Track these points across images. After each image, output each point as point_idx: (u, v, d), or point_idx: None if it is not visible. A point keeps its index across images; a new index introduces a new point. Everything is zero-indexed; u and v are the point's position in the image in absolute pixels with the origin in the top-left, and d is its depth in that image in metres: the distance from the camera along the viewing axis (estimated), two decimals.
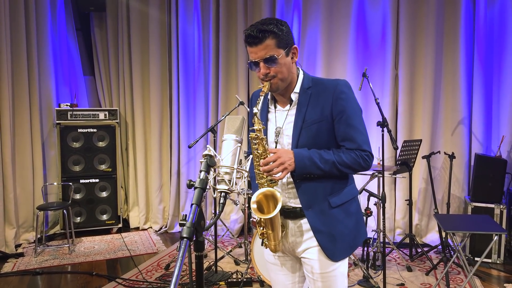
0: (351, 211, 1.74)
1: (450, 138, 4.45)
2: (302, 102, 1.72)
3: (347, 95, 1.69)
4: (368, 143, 1.71)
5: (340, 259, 1.71)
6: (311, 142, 1.68)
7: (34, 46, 4.74)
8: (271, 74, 1.64)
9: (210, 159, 1.07)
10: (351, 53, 4.64)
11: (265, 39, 1.60)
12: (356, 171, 1.72)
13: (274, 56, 1.62)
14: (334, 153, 1.68)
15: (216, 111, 5.09)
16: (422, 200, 4.52)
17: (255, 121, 1.61)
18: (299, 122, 1.70)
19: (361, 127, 1.70)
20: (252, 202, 1.60)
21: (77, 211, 4.97)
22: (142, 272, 3.85)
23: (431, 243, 4.47)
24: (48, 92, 4.96)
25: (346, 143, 1.69)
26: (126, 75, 5.25)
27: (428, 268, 3.83)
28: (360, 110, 1.73)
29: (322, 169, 1.64)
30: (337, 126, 1.69)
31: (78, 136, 4.94)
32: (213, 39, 5.02)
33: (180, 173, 5.20)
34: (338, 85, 1.69)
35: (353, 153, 1.68)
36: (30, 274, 3.87)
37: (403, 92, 4.53)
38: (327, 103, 1.68)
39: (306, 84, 1.74)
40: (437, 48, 4.42)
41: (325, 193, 1.69)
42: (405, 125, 4.53)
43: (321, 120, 1.68)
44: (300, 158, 1.63)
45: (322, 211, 1.68)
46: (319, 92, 1.71)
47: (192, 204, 1.07)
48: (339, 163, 1.66)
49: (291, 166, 1.61)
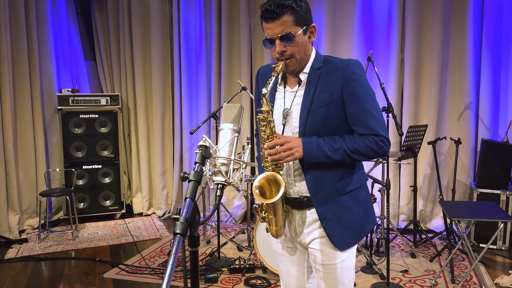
0: (360, 198, 1.69)
1: (456, 123, 4.37)
2: (310, 82, 1.64)
3: (359, 76, 1.60)
4: (383, 127, 1.62)
5: (346, 248, 1.66)
6: (319, 126, 1.61)
7: (34, 31, 4.67)
8: (288, 53, 1.58)
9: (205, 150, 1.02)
10: (356, 36, 4.53)
11: (283, 15, 1.53)
12: (371, 158, 1.63)
13: (291, 33, 1.54)
14: (345, 140, 1.60)
15: (218, 96, 5.02)
16: (427, 186, 4.47)
17: (264, 102, 1.55)
18: (306, 104, 1.62)
19: (374, 110, 1.61)
20: (254, 187, 1.56)
21: (80, 197, 4.97)
22: (145, 258, 3.86)
23: (435, 229, 4.44)
24: (49, 78, 4.91)
25: (358, 128, 1.60)
26: (127, 60, 5.18)
27: (432, 255, 3.80)
28: (373, 92, 1.64)
29: (332, 159, 1.58)
30: (348, 109, 1.60)
31: (80, 122, 4.90)
32: (215, 21, 4.93)
33: (183, 158, 5.17)
34: (349, 64, 1.60)
35: (366, 139, 1.59)
36: (34, 260, 3.89)
37: (409, 76, 4.44)
38: (337, 83, 1.60)
39: (317, 64, 1.66)
40: (444, 31, 4.31)
41: (334, 179, 1.63)
42: (411, 110, 4.45)
43: (330, 102, 1.60)
44: (309, 146, 1.56)
45: (330, 197, 1.63)
46: (328, 72, 1.62)
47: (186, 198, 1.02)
48: (350, 150, 1.58)
49: (298, 153, 1.55)
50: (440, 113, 4.38)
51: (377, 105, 1.64)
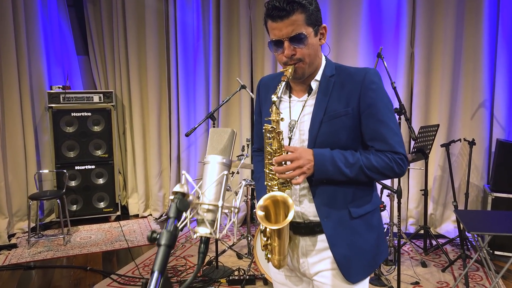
0: (373, 224, 1.48)
1: (469, 122, 4.11)
2: (323, 91, 1.44)
3: (378, 86, 1.41)
4: (402, 144, 1.43)
5: (359, 280, 1.44)
6: (331, 140, 1.41)
7: (22, 24, 4.40)
8: (297, 56, 1.38)
9: (182, 200, 0.76)
10: (363, 29, 4.25)
11: (293, 13, 1.34)
12: (387, 177, 1.45)
13: (302, 34, 1.35)
14: (362, 155, 1.40)
15: (217, 93, 4.77)
16: (437, 189, 4.22)
17: (273, 111, 1.36)
18: (318, 114, 1.42)
19: (393, 124, 1.42)
20: (258, 207, 1.34)
21: (73, 198, 4.75)
22: (139, 267, 3.64)
23: (446, 233, 4.20)
24: (39, 73, 4.66)
25: (376, 144, 1.41)
26: (121, 55, 4.92)
27: (444, 263, 3.58)
28: (392, 104, 1.46)
29: (347, 175, 1.38)
30: (365, 122, 1.41)
31: (71, 120, 4.66)
32: (213, 12, 4.66)
33: (180, 158, 4.93)
34: (368, 73, 1.41)
35: (384, 156, 1.40)
36: (22, 268, 3.68)
37: (419, 72, 4.17)
38: (353, 94, 1.40)
39: (329, 71, 1.46)
40: (457, 23, 4.03)
41: (346, 200, 1.43)
42: (421, 108, 4.19)
43: (345, 114, 1.40)
44: (321, 161, 1.36)
45: (341, 221, 1.42)
46: (344, 81, 1.43)
47: (152, 271, 0.79)
48: (367, 167, 1.39)
49: (309, 170, 1.35)
50: (452, 111, 4.12)
51: (396, 119, 1.45)
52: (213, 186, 0.87)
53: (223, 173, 0.88)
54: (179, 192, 0.78)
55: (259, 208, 1.33)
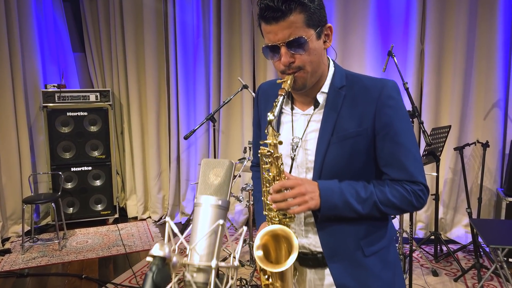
0: (389, 260, 1.28)
1: (482, 123, 3.92)
2: (332, 106, 1.22)
3: (397, 102, 1.20)
4: (422, 172, 1.22)
5: None
6: (342, 165, 1.21)
7: (15, 20, 4.22)
8: (296, 64, 1.16)
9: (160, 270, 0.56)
10: (370, 25, 4.06)
11: (291, 13, 1.12)
12: (405, 212, 1.26)
13: (302, 38, 1.13)
14: (376, 187, 1.20)
15: (218, 93, 4.58)
16: (448, 192, 4.04)
17: (269, 132, 1.15)
18: (326, 133, 1.21)
19: (413, 148, 1.21)
20: (256, 247, 1.15)
21: (69, 201, 4.59)
22: (136, 275, 3.48)
23: (456, 239, 4.03)
24: (33, 72, 4.48)
25: (392, 171, 1.21)
26: (119, 51, 4.73)
27: (456, 271, 3.41)
28: (411, 123, 1.25)
29: (359, 212, 1.18)
30: (381, 145, 1.20)
31: (67, 120, 4.49)
32: (213, 7, 4.46)
33: (180, 159, 4.76)
34: (385, 86, 1.20)
35: (401, 188, 1.20)
36: (15, 276, 3.52)
37: (429, 70, 3.97)
38: (368, 111, 1.19)
39: (339, 81, 1.24)
40: (470, 18, 3.82)
41: (357, 235, 1.23)
42: (431, 107, 4.00)
43: (358, 134, 1.19)
44: (328, 194, 1.16)
45: (352, 261, 1.23)
46: (356, 94, 1.22)
47: None
48: (382, 202, 1.18)
49: (313, 202, 1.15)
50: (464, 111, 3.93)
51: (415, 141, 1.23)
52: (205, 239, 0.69)
53: (218, 223, 0.69)
54: (157, 257, 0.59)
55: (257, 248, 1.14)
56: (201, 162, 0.79)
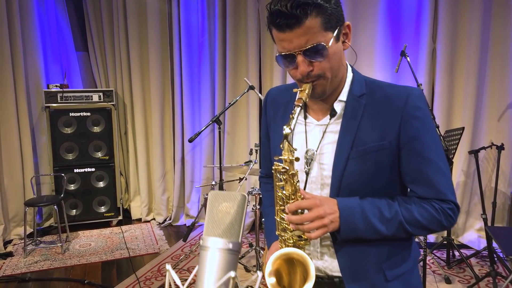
0: (412, 283, 1.17)
1: (496, 124, 3.79)
2: (350, 116, 1.11)
3: (424, 113, 1.09)
4: (452, 188, 1.11)
5: None
6: (361, 181, 1.10)
7: (16, 19, 4.14)
8: (316, 72, 1.05)
9: None
10: (380, 23, 3.93)
11: (306, 18, 0.99)
12: (433, 232, 1.15)
13: (320, 45, 1.01)
14: (401, 206, 1.09)
15: (223, 94, 4.48)
16: (460, 195, 3.92)
17: (285, 147, 1.04)
18: (345, 146, 1.10)
19: (442, 162, 1.10)
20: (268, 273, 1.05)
21: (72, 203, 4.51)
22: (140, 281, 3.40)
23: (469, 243, 3.91)
24: (36, 71, 4.40)
25: (420, 188, 1.10)
26: (122, 50, 4.64)
27: (470, 278, 3.29)
28: (438, 134, 1.14)
29: (382, 233, 1.07)
30: (406, 160, 1.09)
31: (70, 120, 4.41)
32: (219, 8, 4.36)
33: (185, 160, 4.67)
34: (411, 96, 1.08)
35: (430, 206, 1.09)
36: (17, 281, 3.45)
37: (441, 70, 3.85)
38: (392, 123, 1.08)
39: (358, 89, 1.13)
40: (484, 16, 3.68)
41: (379, 257, 1.12)
42: (443, 108, 3.87)
43: (381, 148, 1.08)
44: (349, 215, 1.05)
45: (373, 286, 1.12)
46: (378, 104, 1.10)
47: None
48: (408, 222, 1.07)
49: (333, 225, 1.04)
50: (478, 113, 3.80)
51: (444, 154, 1.11)
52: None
53: (230, 275, 0.58)
54: None
55: (269, 274, 1.04)
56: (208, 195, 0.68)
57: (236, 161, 4.48)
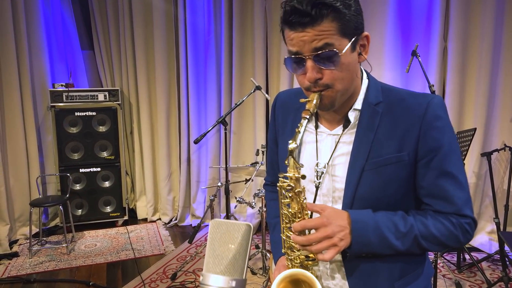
0: None
1: (509, 125, 3.70)
2: (367, 126, 1.05)
3: (445, 123, 1.02)
4: (470, 203, 1.05)
5: None
6: (376, 195, 1.03)
7: (21, 17, 4.11)
8: (324, 81, 0.98)
9: None
10: (390, 21, 3.85)
11: (321, 21, 0.93)
12: (449, 248, 1.10)
13: (332, 51, 0.95)
14: (417, 220, 1.03)
15: (229, 94, 4.43)
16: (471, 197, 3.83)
17: (290, 164, 0.97)
18: (360, 158, 1.04)
19: (461, 175, 1.04)
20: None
21: (78, 203, 4.49)
22: (145, 283, 3.37)
23: (480, 246, 3.83)
24: (41, 70, 4.37)
25: (437, 203, 1.04)
26: (128, 49, 4.60)
27: (481, 283, 3.22)
28: (458, 145, 1.07)
29: (397, 249, 1.01)
30: (423, 172, 1.03)
31: (75, 120, 4.38)
32: (225, 7, 4.29)
33: (191, 160, 4.63)
34: (431, 104, 1.01)
35: (447, 220, 1.03)
36: (21, 282, 3.43)
37: (452, 69, 3.76)
38: (410, 132, 1.01)
39: (374, 97, 1.07)
40: (497, 14, 3.58)
41: (392, 276, 1.06)
42: (454, 109, 3.79)
43: (398, 160, 1.02)
44: (362, 231, 0.99)
45: None
46: (396, 112, 1.04)
47: None
48: (424, 237, 1.02)
49: (343, 242, 0.98)
50: (490, 113, 3.71)
51: (463, 166, 1.06)
52: None
53: None
54: None
55: None
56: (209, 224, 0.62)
57: (242, 162, 4.43)
